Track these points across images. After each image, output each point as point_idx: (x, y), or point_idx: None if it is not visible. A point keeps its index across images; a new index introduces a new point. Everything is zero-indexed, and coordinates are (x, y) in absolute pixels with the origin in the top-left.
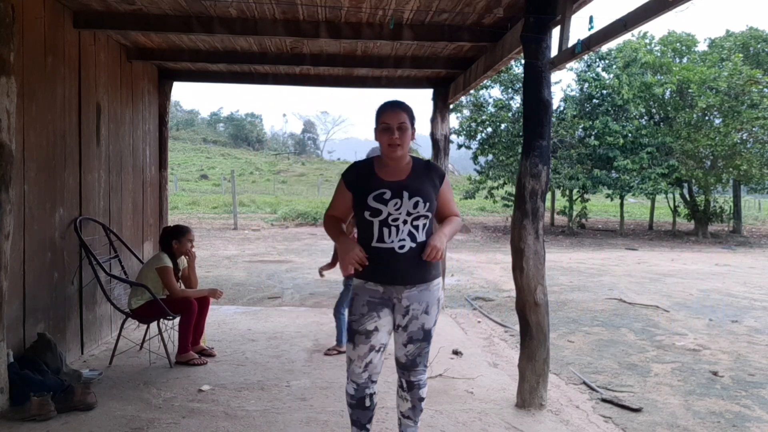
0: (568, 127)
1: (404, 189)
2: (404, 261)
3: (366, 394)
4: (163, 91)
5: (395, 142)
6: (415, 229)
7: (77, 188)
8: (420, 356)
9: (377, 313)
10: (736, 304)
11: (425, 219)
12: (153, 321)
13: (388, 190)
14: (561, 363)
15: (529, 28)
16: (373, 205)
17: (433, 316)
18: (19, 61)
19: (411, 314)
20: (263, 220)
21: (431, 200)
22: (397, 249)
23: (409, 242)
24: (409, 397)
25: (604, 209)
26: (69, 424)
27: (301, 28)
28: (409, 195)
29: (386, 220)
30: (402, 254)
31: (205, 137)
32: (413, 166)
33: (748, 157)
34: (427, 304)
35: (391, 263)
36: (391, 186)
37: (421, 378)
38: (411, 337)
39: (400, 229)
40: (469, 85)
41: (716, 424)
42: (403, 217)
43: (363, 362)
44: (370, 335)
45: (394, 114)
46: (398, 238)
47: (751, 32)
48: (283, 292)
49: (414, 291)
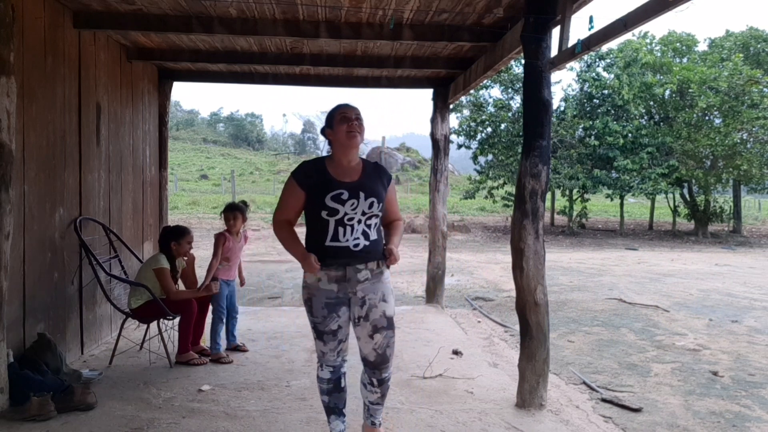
0: (568, 127)
1: (360, 189)
2: (359, 258)
3: (341, 374)
4: (163, 91)
5: (354, 128)
6: (368, 227)
7: (77, 188)
8: (389, 347)
9: (336, 314)
10: (736, 304)
11: (376, 218)
12: (153, 321)
13: (346, 191)
14: (561, 363)
15: (529, 28)
16: (331, 204)
17: (391, 304)
18: (19, 61)
19: (369, 303)
20: (263, 220)
21: (383, 200)
22: (352, 247)
23: (363, 240)
24: (380, 391)
25: (604, 209)
26: (69, 424)
27: (301, 28)
28: (365, 195)
29: (342, 219)
30: (356, 251)
31: (205, 137)
32: (363, 166)
33: (748, 157)
34: (382, 293)
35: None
36: (348, 186)
37: (390, 373)
38: (375, 326)
39: (354, 228)
40: (469, 85)
41: (716, 424)
42: (358, 216)
43: (335, 351)
44: (336, 333)
45: (351, 108)
46: (353, 237)
47: (751, 32)
48: (283, 292)
49: (366, 284)
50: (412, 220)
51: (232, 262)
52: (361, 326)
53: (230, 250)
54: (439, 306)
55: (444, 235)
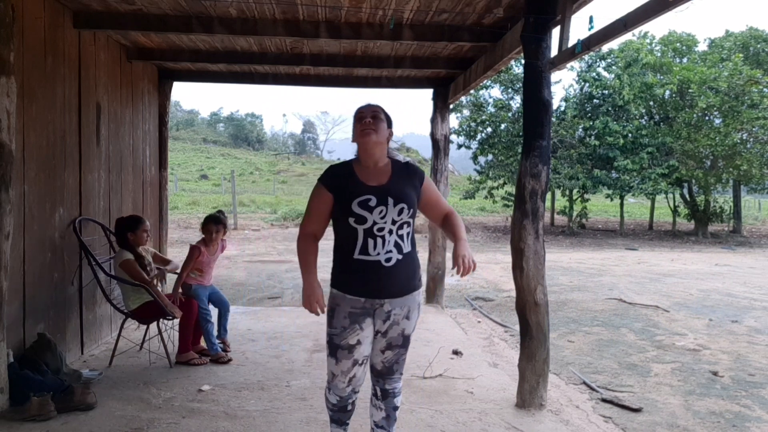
0: (568, 127)
1: (388, 194)
2: (391, 275)
3: (348, 403)
4: (163, 91)
5: (368, 126)
6: (401, 238)
7: (77, 188)
8: (397, 363)
9: (359, 325)
10: (736, 304)
11: (408, 227)
12: (153, 321)
13: (373, 197)
14: (561, 363)
15: (528, 28)
16: (358, 211)
17: (414, 322)
18: (19, 61)
19: (392, 320)
20: (263, 220)
21: (414, 206)
22: (383, 262)
23: (396, 254)
24: (384, 406)
25: (604, 209)
26: (69, 424)
27: (301, 28)
28: (394, 201)
29: (371, 229)
30: (389, 267)
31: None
32: (393, 167)
33: (748, 157)
34: (408, 308)
35: (376, 277)
36: (375, 191)
37: (396, 386)
38: (390, 344)
39: (386, 240)
40: (469, 85)
41: (716, 424)
42: (389, 226)
43: (347, 377)
44: (353, 349)
45: (367, 108)
46: (384, 250)
47: (751, 32)
48: (283, 292)
49: (396, 299)
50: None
51: (205, 272)
52: (377, 340)
53: (204, 263)
54: (439, 306)
55: (444, 235)
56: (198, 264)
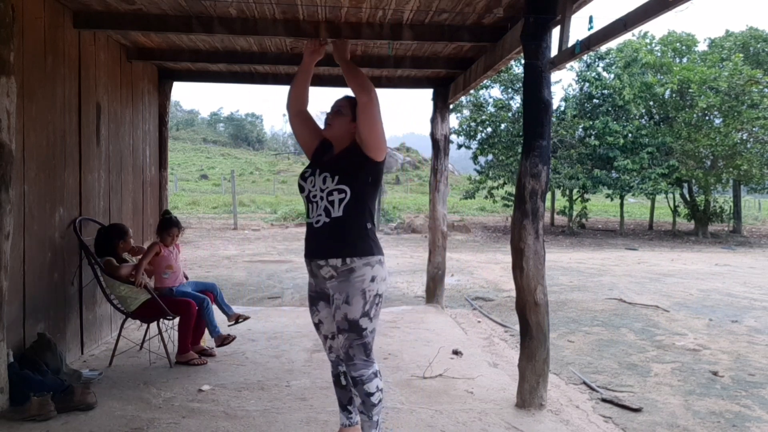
0: (568, 127)
1: (320, 167)
2: (320, 244)
3: (339, 372)
4: (163, 91)
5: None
6: (331, 204)
7: (77, 188)
8: (352, 348)
9: (316, 307)
10: (736, 304)
11: (340, 193)
12: (153, 321)
13: (310, 169)
14: (561, 363)
15: (528, 28)
16: (300, 182)
17: (357, 307)
18: (19, 61)
19: (335, 304)
20: (263, 220)
21: (346, 176)
22: (314, 224)
23: (324, 217)
24: (357, 393)
25: (604, 209)
26: (69, 424)
27: (301, 28)
28: (320, 171)
29: (308, 196)
30: (317, 228)
31: (205, 137)
32: (348, 149)
33: (748, 157)
34: (347, 294)
35: (309, 249)
36: (314, 166)
37: (362, 372)
38: (338, 327)
39: (318, 205)
40: (469, 85)
41: (716, 424)
42: (319, 194)
43: (326, 346)
44: (319, 327)
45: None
46: (315, 213)
47: (751, 32)
48: (283, 292)
49: (334, 282)
50: (412, 220)
51: (175, 268)
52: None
53: (167, 259)
54: (439, 306)
55: (444, 235)
56: (166, 261)
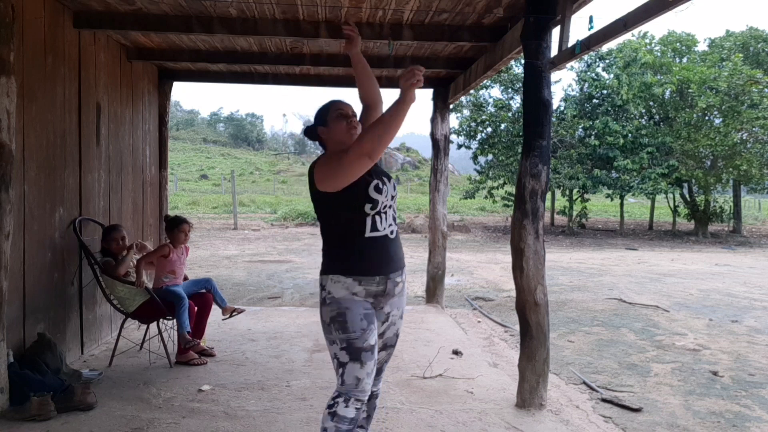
0: (568, 127)
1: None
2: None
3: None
4: (163, 91)
5: (354, 123)
6: (394, 212)
7: (77, 188)
8: (386, 362)
9: (374, 324)
10: (736, 304)
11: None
12: (153, 321)
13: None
14: (561, 363)
15: (528, 28)
16: (374, 196)
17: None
18: (19, 61)
19: (390, 320)
20: (263, 220)
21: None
22: (389, 234)
23: (395, 226)
24: (367, 408)
25: (604, 209)
26: (69, 424)
27: (301, 28)
28: (387, 179)
29: (379, 209)
30: (393, 238)
31: (205, 137)
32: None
33: (748, 157)
34: (403, 308)
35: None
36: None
37: (380, 386)
38: (386, 344)
39: (388, 215)
40: (469, 85)
41: (716, 424)
42: (389, 202)
43: (372, 377)
44: (374, 348)
45: (347, 105)
46: (387, 224)
47: (751, 32)
48: (283, 292)
49: (395, 298)
50: (412, 220)
51: (178, 273)
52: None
53: (174, 263)
54: (439, 306)
55: (444, 235)
56: (171, 265)
